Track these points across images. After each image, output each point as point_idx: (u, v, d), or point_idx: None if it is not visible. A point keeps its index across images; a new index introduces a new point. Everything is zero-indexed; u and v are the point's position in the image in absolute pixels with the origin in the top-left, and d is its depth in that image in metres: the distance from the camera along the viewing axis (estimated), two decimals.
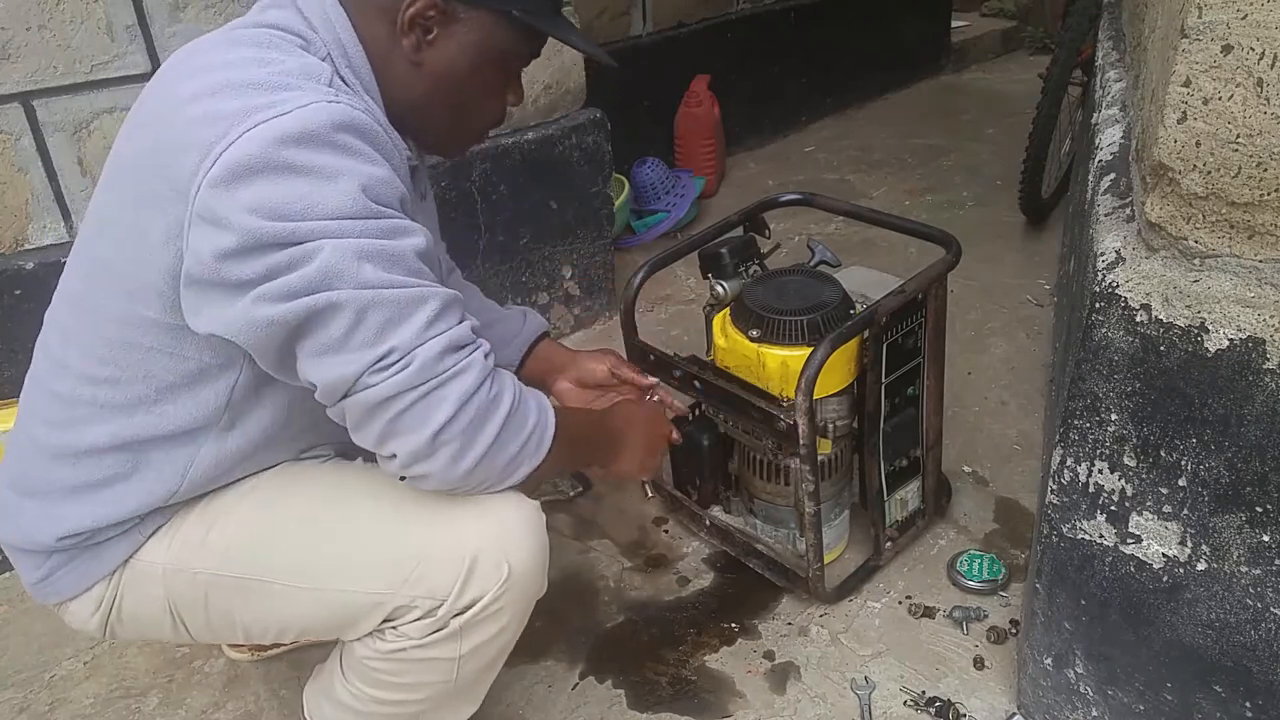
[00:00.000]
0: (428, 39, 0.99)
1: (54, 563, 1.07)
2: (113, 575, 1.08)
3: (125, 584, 1.09)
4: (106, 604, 1.09)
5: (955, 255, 1.51)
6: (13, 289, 1.70)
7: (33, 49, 1.63)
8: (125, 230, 0.95)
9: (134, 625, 1.12)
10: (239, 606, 1.09)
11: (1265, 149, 0.91)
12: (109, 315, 0.98)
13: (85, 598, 1.09)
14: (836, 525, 1.64)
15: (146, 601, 1.10)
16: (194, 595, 1.08)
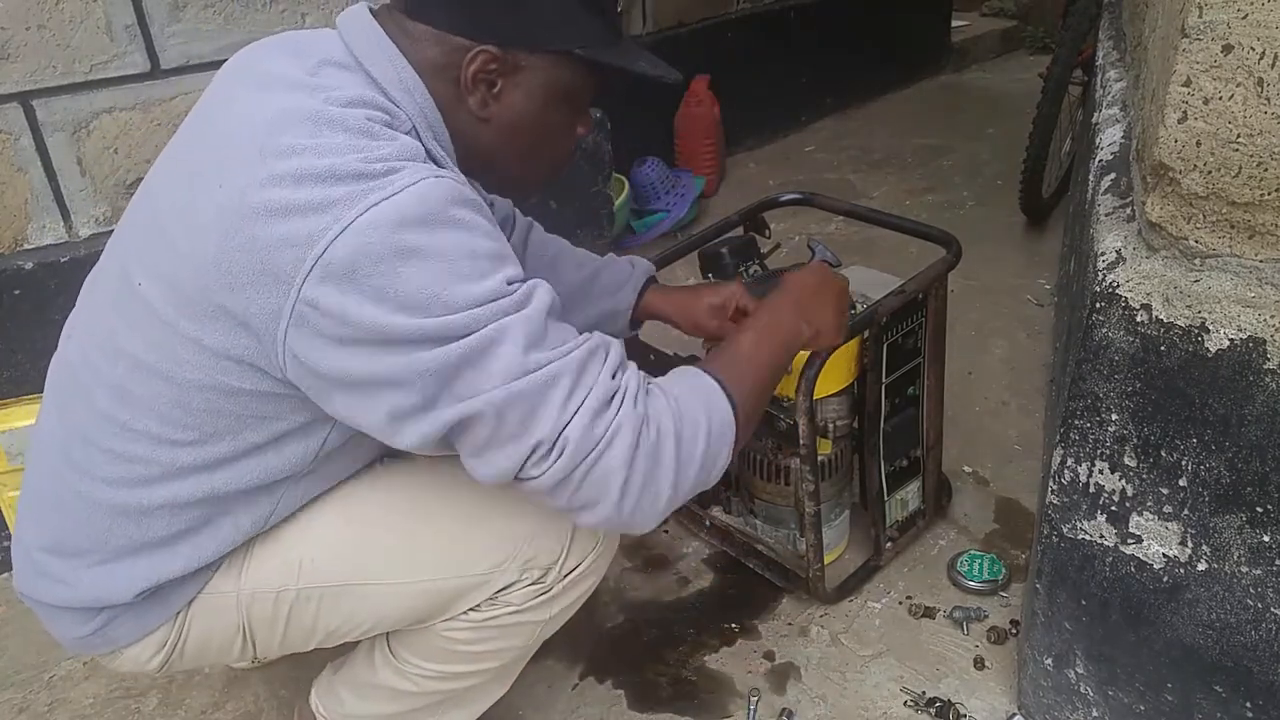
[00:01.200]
0: (493, 93, 0.95)
1: (109, 614, 1.01)
2: (178, 615, 1.04)
3: (193, 618, 1.04)
4: (171, 643, 1.05)
5: (955, 255, 1.51)
6: (12, 289, 1.70)
7: (32, 49, 1.63)
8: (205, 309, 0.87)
9: (196, 657, 1.08)
10: (328, 613, 1.07)
11: (1266, 149, 0.91)
12: (190, 383, 0.91)
13: (146, 642, 1.04)
14: (837, 525, 1.64)
15: (216, 631, 1.06)
16: (274, 613, 1.06)
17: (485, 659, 1.12)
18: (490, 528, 1.05)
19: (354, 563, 1.06)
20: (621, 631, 1.60)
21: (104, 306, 0.98)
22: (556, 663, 1.53)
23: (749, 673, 1.49)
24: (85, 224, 1.78)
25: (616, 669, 1.52)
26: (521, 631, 1.10)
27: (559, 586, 1.08)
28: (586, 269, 1.36)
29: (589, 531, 1.06)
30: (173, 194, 0.92)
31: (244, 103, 0.91)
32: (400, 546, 1.06)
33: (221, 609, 1.04)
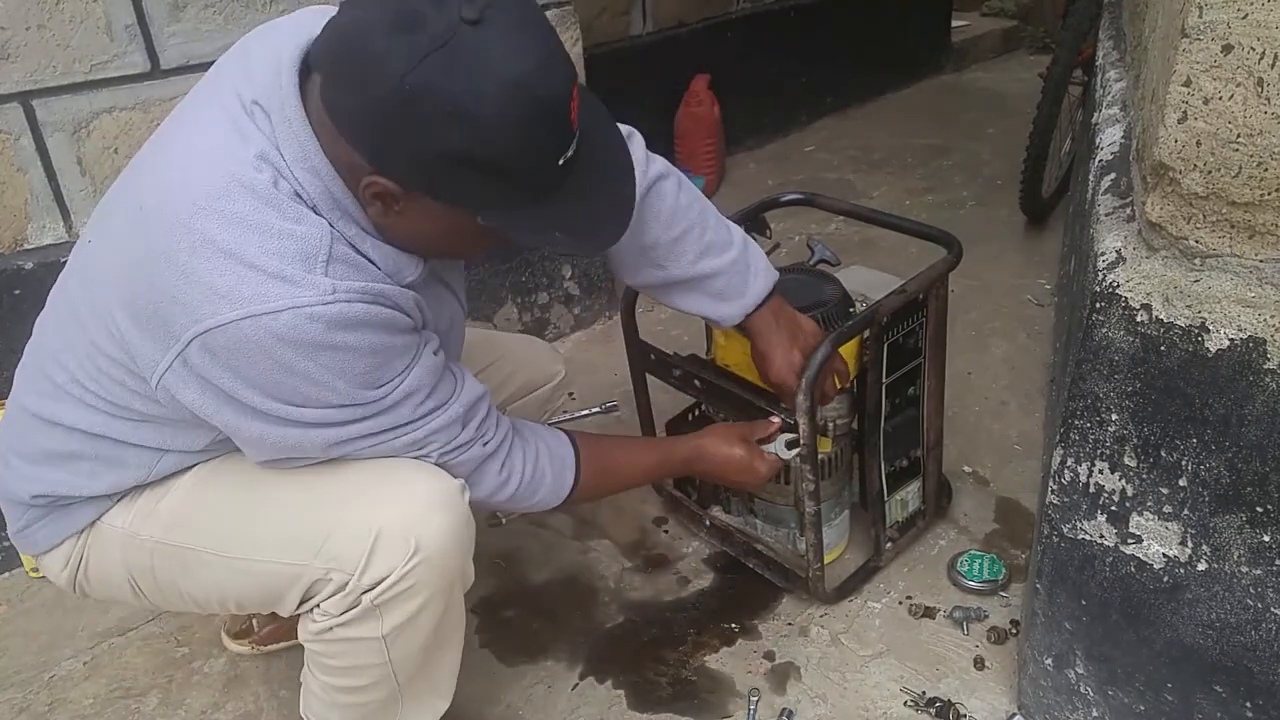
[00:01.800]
0: (393, 208, 0.94)
1: (30, 515, 1.13)
2: (81, 534, 1.14)
3: (90, 544, 1.14)
4: (74, 561, 1.15)
5: (956, 255, 1.51)
6: (12, 289, 1.70)
7: (32, 49, 1.63)
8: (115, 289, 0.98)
9: (100, 586, 1.18)
10: (179, 576, 1.13)
11: (1266, 148, 0.91)
12: (103, 351, 1.01)
13: (56, 553, 1.15)
14: (837, 525, 1.64)
15: (108, 564, 1.15)
16: (144, 562, 1.13)
17: (355, 674, 1.12)
18: (308, 518, 1.06)
19: (195, 529, 1.11)
20: (621, 631, 1.60)
21: (75, 265, 1.09)
22: (556, 663, 1.53)
23: (749, 673, 1.49)
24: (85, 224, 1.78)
25: (616, 669, 1.52)
26: (365, 648, 1.08)
27: (368, 600, 1.03)
28: (704, 264, 1.32)
29: (395, 547, 1.02)
30: (137, 178, 1.02)
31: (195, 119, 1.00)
32: (228, 522, 1.10)
33: (109, 542, 1.13)
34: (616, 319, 2.14)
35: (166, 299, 0.91)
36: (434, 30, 0.82)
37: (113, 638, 1.63)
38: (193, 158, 0.95)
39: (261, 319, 0.88)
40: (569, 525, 1.82)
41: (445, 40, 0.82)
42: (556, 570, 1.73)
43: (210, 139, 0.95)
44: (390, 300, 0.96)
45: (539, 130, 0.88)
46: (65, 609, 1.69)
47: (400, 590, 1.04)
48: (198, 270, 0.89)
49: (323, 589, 1.05)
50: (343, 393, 0.96)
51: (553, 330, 2.47)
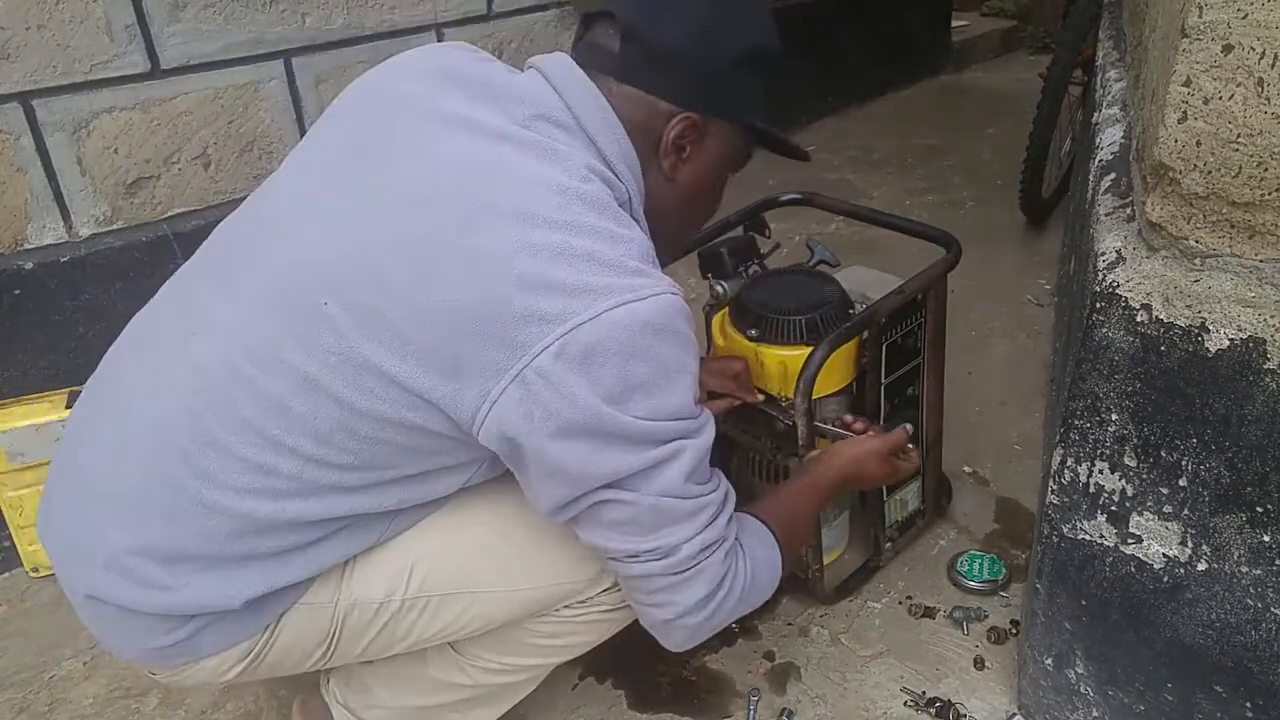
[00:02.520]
0: (683, 156, 1.03)
1: (201, 621, 0.96)
2: (268, 625, 1.01)
3: (284, 628, 1.02)
4: (256, 653, 1.01)
5: (955, 255, 1.51)
6: (12, 289, 1.70)
7: (32, 49, 1.63)
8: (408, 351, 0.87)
9: (271, 668, 1.05)
10: (429, 620, 1.07)
11: (1266, 148, 0.91)
12: (367, 412, 0.90)
13: (229, 653, 1.00)
14: (836, 526, 1.64)
15: (303, 639, 1.04)
16: (371, 622, 1.05)
17: (555, 653, 1.15)
18: None
19: (467, 570, 1.07)
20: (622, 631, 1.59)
21: (255, 311, 0.92)
22: None
23: (749, 673, 1.49)
24: (85, 224, 1.78)
25: (616, 669, 1.52)
26: (601, 628, 1.14)
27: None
28: None
29: None
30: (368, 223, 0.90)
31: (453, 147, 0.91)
32: (515, 554, 1.08)
33: (316, 618, 1.03)
34: None
35: (521, 315, 0.84)
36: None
37: None
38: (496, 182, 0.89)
39: (631, 305, 0.86)
40: None
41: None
42: None
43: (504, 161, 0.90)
44: None
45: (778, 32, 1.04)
46: (65, 609, 1.69)
47: None
48: (556, 276, 0.85)
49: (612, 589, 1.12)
50: (684, 394, 0.92)
51: None
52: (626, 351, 0.86)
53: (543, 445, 0.88)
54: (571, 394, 0.85)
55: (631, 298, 0.86)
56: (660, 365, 0.89)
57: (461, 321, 0.85)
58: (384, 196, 0.91)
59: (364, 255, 0.89)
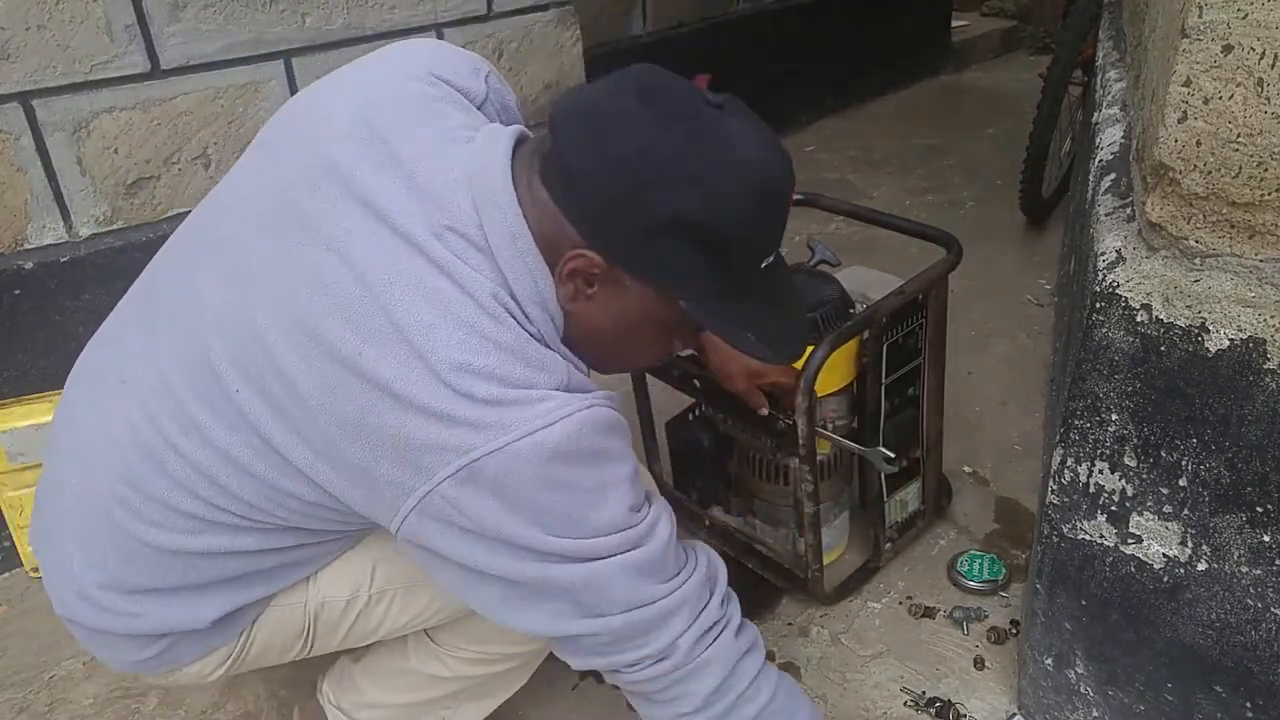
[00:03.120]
0: (587, 291, 0.89)
1: (170, 640, 0.99)
2: (242, 631, 1.04)
3: (258, 631, 1.04)
4: (234, 656, 1.04)
5: (956, 256, 1.51)
6: (12, 289, 1.70)
7: (32, 49, 1.63)
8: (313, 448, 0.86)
9: (255, 663, 1.08)
10: (399, 610, 1.08)
11: (1266, 149, 0.91)
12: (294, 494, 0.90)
13: (209, 659, 1.03)
14: (836, 526, 1.64)
15: (279, 637, 1.06)
16: (342, 617, 1.07)
17: (530, 640, 1.12)
18: None
19: None
20: None
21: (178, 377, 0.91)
22: (557, 662, 1.52)
23: None
24: (85, 224, 1.78)
25: None
26: None
27: None
28: None
29: None
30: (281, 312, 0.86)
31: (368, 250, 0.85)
32: None
33: (289, 619, 1.05)
34: None
35: (422, 445, 0.81)
36: (682, 107, 0.84)
37: None
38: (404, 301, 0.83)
39: (536, 435, 0.81)
40: None
41: (694, 115, 0.83)
42: None
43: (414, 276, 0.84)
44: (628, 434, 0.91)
45: (766, 218, 0.88)
46: None
47: None
48: (456, 413, 0.81)
49: None
50: (611, 511, 0.87)
51: None
52: (538, 481, 0.82)
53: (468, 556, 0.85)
54: (484, 519, 0.82)
55: (539, 425, 0.81)
56: (580, 487, 0.84)
57: (366, 442, 0.83)
58: (299, 286, 0.86)
59: (274, 352, 0.86)
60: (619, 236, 0.85)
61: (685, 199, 0.82)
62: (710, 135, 0.83)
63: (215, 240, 0.95)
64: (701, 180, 0.82)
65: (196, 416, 0.90)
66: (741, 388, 1.40)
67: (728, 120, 0.85)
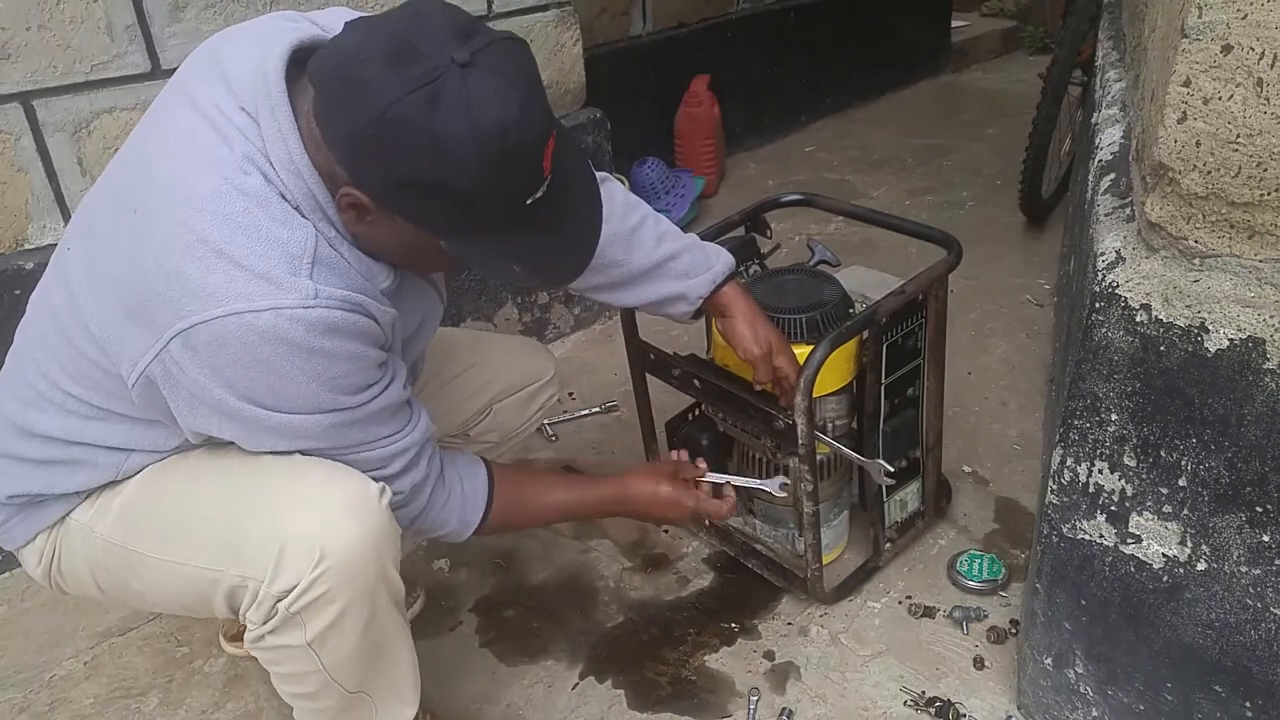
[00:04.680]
0: (367, 219, 0.97)
1: (6, 512, 1.16)
2: (52, 529, 1.16)
3: (61, 539, 1.16)
4: (47, 556, 1.17)
5: (956, 257, 1.51)
6: (12, 289, 1.70)
7: (33, 49, 1.63)
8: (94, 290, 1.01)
9: (72, 581, 1.20)
10: (127, 575, 1.15)
11: (1265, 149, 0.91)
12: (83, 354, 1.04)
13: (32, 547, 1.18)
14: (836, 525, 1.64)
15: (75, 558, 1.17)
16: (100, 559, 1.15)
17: (300, 681, 1.13)
18: (227, 524, 1.07)
19: (136, 528, 1.12)
20: (621, 631, 1.60)
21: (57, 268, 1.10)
22: (556, 663, 1.54)
23: (749, 672, 1.49)
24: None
25: (616, 668, 1.52)
26: (295, 656, 1.08)
27: (282, 608, 1.02)
28: (665, 247, 1.36)
29: (300, 556, 1.02)
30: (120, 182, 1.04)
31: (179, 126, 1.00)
32: (162, 523, 1.11)
33: (74, 538, 1.16)
34: (616, 319, 2.14)
35: (154, 296, 0.93)
36: (425, 67, 0.87)
37: (113, 638, 1.63)
38: (181, 162, 0.97)
39: (245, 316, 0.91)
40: (569, 525, 1.82)
41: (434, 78, 0.87)
42: (556, 570, 1.73)
43: (198, 144, 0.97)
44: (367, 311, 0.99)
45: (510, 174, 0.92)
46: (65, 609, 1.69)
47: (313, 598, 1.02)
48: (186, 269, 0.92)
49: (243, 596, 1.06)
50: (316, 397, 0.98)
51: (553, 330, 2.47)
52: (246, 357, 0.93)
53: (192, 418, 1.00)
54: (200, 384, 0.95)
55: (244, 307, 0.91)
56: (280, 375, 0.94)
57: (126, 289, 0.96)
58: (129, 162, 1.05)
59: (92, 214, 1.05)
60: (376, 185, 0.93)
61: (420, 165, 0.89)
62: (449, 99, 0.87)
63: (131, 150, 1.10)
64: (435, 150, 0.88)
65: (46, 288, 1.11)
66: (756, 355, 1.38)
67: (472, 79, 0.88)
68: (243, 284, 0.91)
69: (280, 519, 1.03)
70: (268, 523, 1.04)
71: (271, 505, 1.04)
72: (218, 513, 1.09)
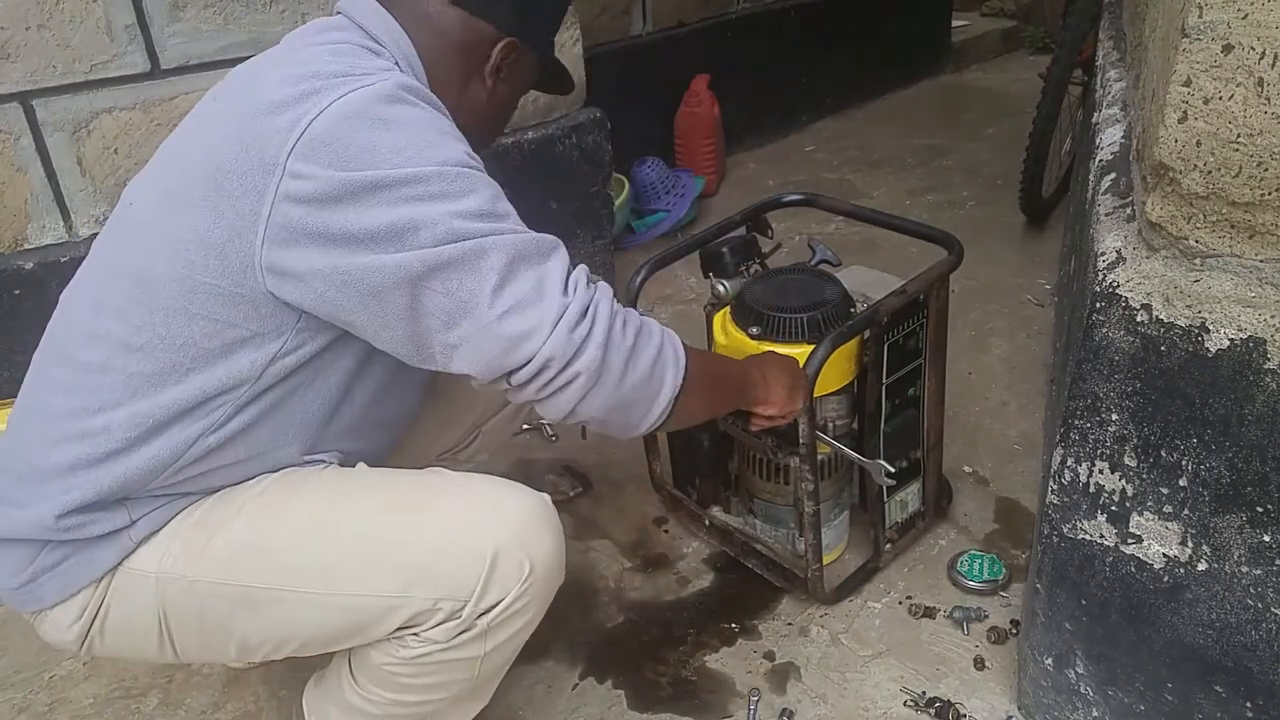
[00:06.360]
0: (501, 76, 1.14)
1: (40, 564, 1.03)
2: (100, 581, 1.05)
3: (114, 592, 1.05)
4: (90, 613, 1.06)
5: (957, 257, 1.51)
6: (12, 289, 1.70)
7: (32, 49, 1.63)
8: (193, 202, 0.96)
9: (116, 639, 1.08)
10: (241, 619, 1.05)
11: (1266, 149, 0.91)
12: (156, 280, 0.98)
13: (69, 604, 1.05)
14: (836, 526, 1.64)
15: (135, 613, 1.06)
16: (189, 606, 1.05)
17: (433, 690, 1.08)
18: (405, 549, 1.02)
19: (268, 565, 1.04)
20: (621, 631, 1.60)
21: (107, 242, 1.09)
22: (556, 663, 1.53)
23: (749, 673, 1.49)
24: (85, 224, 1.78)
25: (616, 669, 1.52)
26: (460, 667, 1.06)
27: (483, 623, 1.01)
28: None
29: (511, 570, 1.01)
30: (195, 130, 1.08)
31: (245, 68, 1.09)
32: (311, 555, 1.04)
33: (142, 588, 1.05)
34: None
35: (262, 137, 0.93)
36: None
37: None
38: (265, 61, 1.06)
39: (360, 90, 0.94)
40: (569, 525, 1.82)
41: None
42: None
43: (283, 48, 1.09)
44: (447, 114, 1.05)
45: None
46: None
47: (514, 610, 1.02)
48: (287, 97, 0.94)
49: (429, 619, 1.01)
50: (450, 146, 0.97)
51: None
52: (366, 120, 0.93)
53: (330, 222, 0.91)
54: (331, 176, 0.90)
55: (357, 85, 0.95)
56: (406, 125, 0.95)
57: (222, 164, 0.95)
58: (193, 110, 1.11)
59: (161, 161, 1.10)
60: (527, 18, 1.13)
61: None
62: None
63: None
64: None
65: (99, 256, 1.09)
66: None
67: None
68: (347, 80, 0.95)
69: (484, 532, 1.01)
70: (469, 539, 1.01)
71: (463, 520, 1.02)
72: (393, 535, 1.03)
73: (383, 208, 0.91)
